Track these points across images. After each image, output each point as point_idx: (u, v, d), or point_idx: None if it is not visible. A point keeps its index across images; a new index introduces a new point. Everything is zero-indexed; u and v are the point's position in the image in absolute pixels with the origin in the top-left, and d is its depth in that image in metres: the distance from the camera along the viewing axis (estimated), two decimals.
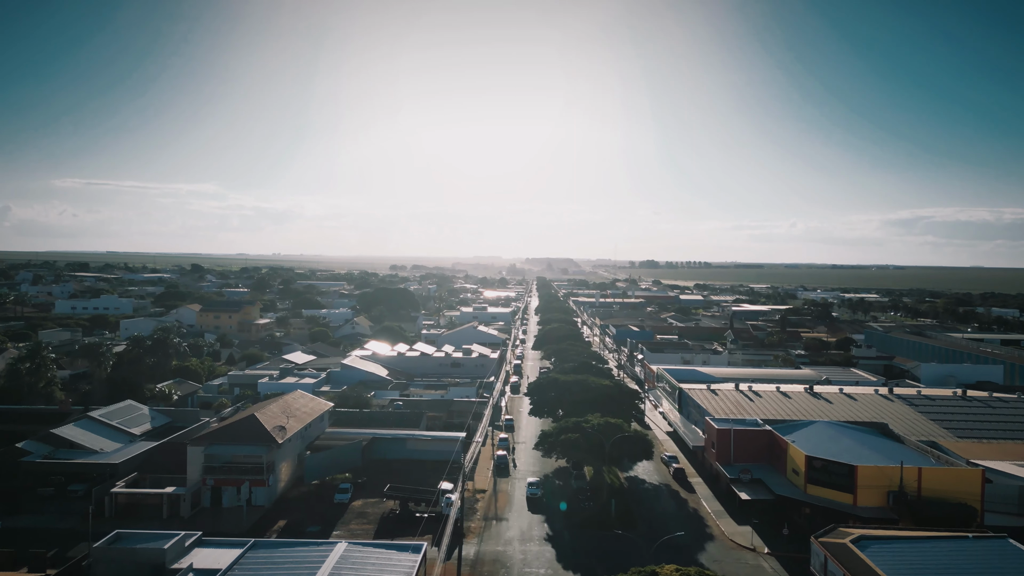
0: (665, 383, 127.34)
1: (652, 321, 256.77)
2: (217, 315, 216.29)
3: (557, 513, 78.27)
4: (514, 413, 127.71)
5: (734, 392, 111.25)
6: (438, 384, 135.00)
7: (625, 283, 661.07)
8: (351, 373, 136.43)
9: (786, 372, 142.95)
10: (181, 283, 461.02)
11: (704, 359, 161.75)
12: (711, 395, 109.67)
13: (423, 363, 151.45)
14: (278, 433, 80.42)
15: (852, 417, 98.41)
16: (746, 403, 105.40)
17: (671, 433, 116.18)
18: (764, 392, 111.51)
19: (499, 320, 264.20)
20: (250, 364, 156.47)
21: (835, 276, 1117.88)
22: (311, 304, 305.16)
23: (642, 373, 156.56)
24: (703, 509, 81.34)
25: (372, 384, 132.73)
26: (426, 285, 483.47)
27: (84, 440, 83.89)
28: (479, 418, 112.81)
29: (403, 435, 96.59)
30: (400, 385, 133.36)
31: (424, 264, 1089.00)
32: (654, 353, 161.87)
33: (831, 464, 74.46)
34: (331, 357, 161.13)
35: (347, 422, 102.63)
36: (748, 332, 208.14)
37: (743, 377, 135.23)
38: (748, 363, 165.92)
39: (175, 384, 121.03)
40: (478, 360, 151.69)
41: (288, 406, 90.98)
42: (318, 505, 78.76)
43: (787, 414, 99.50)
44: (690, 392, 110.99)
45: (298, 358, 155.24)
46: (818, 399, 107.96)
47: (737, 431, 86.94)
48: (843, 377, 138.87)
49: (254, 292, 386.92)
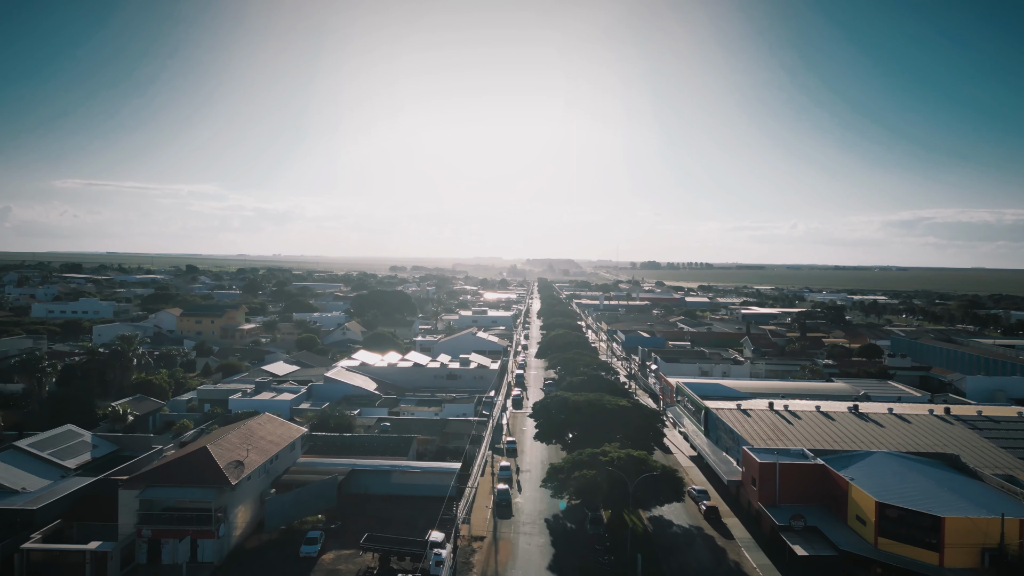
0: (687, 400, 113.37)
1: (661, 326, 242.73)
2: (199, 320, 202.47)
3: (570, 568, 64.45)
4: (517, 433, 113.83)
5: (769, 413, 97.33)
6: (432, 400, 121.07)
7: (628, 285, 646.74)
8: (335, 387, 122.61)
9: (817, 386, 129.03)
10: (172, 285, 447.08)
11: (724, 370, 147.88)
12: (743, 417, 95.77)
13: (416, 375, 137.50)
14: (233, 471, 66.56)
15: (910, 444, 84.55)
16: (784, 427, 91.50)
17: (695, 458, 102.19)
18: (803, 413, 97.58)
19: (500, 324, 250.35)
20: (227, 375, 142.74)
21: (838, 277, 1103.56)
22: (303, 307, 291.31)
23: (657, 385, 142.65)
24: (747, 563, 67.36)
25: (358, 400, 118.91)
26: (425, 287, 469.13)
27: (3, 477, 69.98)
28: (478, 441, 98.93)
29: (387, 466, 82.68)
30: (389, 401, 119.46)
31: (424, 265, 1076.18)
32: (669, 363, 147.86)
33: (909, 514, 60.50)
34: (316, 368, 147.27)
35: (324, 449, 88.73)
36: (766, 338, 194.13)
37: (771, 392, 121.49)
38: (771, 374, 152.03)
39: (134, 402, 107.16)
40: (477, 371, 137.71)
41: (251, 434, 77.09)
42: (280, 561, 64.77)
43: (834, 441, 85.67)
44: (719, 413, 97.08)
45: (279, 369, 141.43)
46: (866, 421, 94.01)
47: (784, 465, 73.02)
48: (882, 392, 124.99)
49: (245, 294, 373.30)
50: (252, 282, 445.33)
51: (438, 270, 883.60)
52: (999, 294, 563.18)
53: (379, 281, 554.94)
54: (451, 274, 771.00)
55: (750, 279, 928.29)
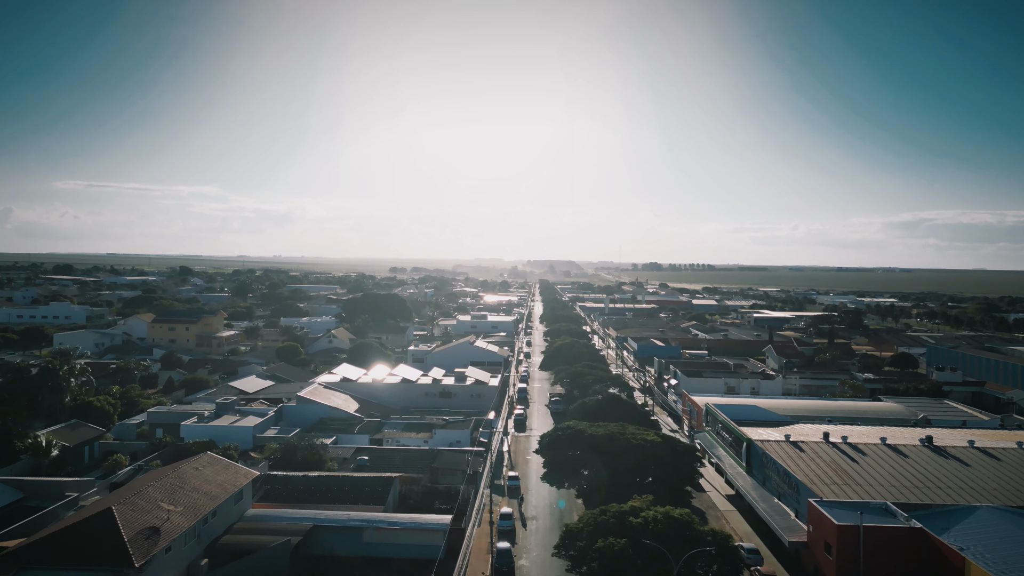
0: (719, 425, 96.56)
1: (674, 332, 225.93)
2: (172, 327, 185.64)
3: None
4: (520, 463, 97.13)
5: (826, 447, 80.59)
6: (420, 424, 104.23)
7: (631, 287, 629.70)
8: (309, 409, 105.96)
9: (865, 407, 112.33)
10: (160, 286, 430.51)
11: (752, 385, 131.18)
12: (795, 452, 79.11)
13: (405, 393, 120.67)
14: (143, 544, 49.89)
15: (1012, 492, 67.87)
16: (848, 466, 74.76)
17: (733, 497, 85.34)
18: (867, 447, 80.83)
19: (500, 330, 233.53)
20: (192, 392, 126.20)
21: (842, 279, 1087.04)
22: (292, 311, 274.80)
23: (679, 404, 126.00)
24: None
25: (335, 424, 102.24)
26: (423, 289, 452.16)
27: None
28: (475, 479, 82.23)
29: (359, 521, 65.88)
30: (371, 426, 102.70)
31: (425, 266, 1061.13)
32: (691, 378, 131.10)
33: None
34: (293, 383, 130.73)
35: (284, 494, 72.01)
36: (792, 347, 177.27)
37: (814, 413, 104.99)
38: (805, 390, 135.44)
39: (67, 429, 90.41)
40: (474, 389, 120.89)
41: (182, 483, 60.36)
42: None
43: (916, 488, 68.93)
44: (765, 446, 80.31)
45: (249, 385, 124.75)
46: (946, 458, 77.24)
47: (869, 530, 56.27)
48: (942, 414, 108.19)
49: (233, 297, 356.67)
50: (242, 284, 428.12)
51: (438, 271, 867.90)
52: (1009, 296, 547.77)
53: (377, 283, 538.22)
54: (451, 275, 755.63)
55: (753, 281, 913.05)
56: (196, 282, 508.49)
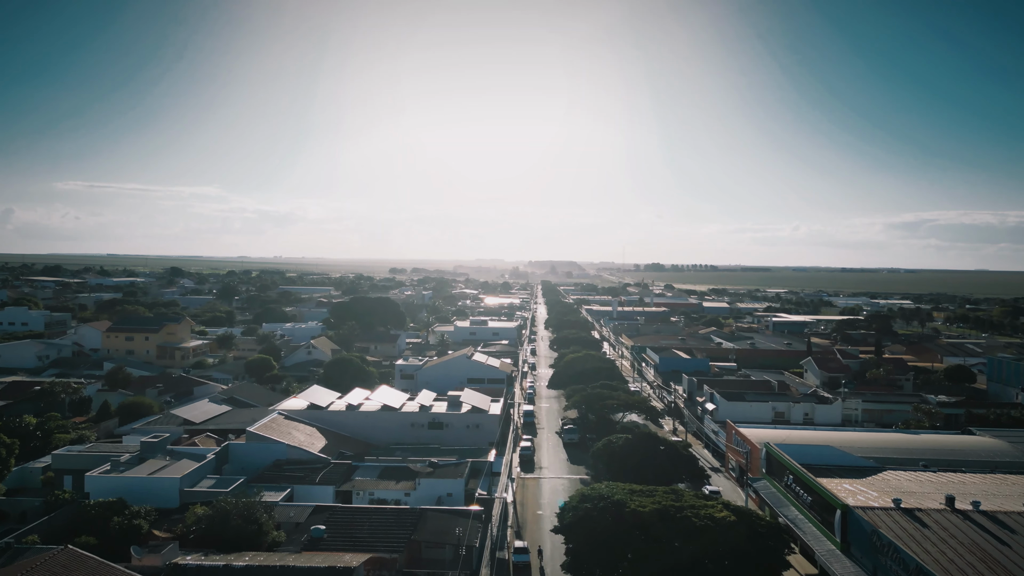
0: (789, 477, 74.13)
1: (695, 341, 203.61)
2: (129, 336, 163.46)
3: None
4: (530, 524, 75.17)
5: (954, 517, 58.29)
6: (401, 470, 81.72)
7: (637, 288, 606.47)
8: (262, 448, 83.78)
9: (957, 443, 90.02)
10: (143, 289, 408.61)
11: (806, 411, 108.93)
12: (914, 527, 56.87)
13: (386, 423, 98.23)
14: None
15: None
16: (996, 551, 52.50)
17: None
18: (1008, 518, 58.66)
19: (502, 338, 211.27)
20: (128, 420, 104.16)
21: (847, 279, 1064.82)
22: (276, 316, 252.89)
23: (719, 435, 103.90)
24: None
25: (293, 469, 79.99)
26: (420, 291, 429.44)
27: None
28: (470, 555, 60.05)
29: None
30: (338, 472, 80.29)
31: (425, 267, 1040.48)
32: (731, 402, 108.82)
33: None
34: (256, 407, 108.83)
35: None
36: (835, 360, 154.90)
37: (901, 453, 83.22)
38: (868, 416, 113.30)
39: None
40: (470, 418, 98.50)
41: None
42: None
43: None
44: (871, 518, 58.05)
45: (198, 412, 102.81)
46: None
47: None
48: None
49: (216, 300, 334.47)
50: (227, 287, 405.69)
51: (439, 272, 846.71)
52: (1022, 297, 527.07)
53: (374, 284, 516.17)
54: (452, 276, 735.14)
55: (757, 282, 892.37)
56: (185, 283, 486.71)
